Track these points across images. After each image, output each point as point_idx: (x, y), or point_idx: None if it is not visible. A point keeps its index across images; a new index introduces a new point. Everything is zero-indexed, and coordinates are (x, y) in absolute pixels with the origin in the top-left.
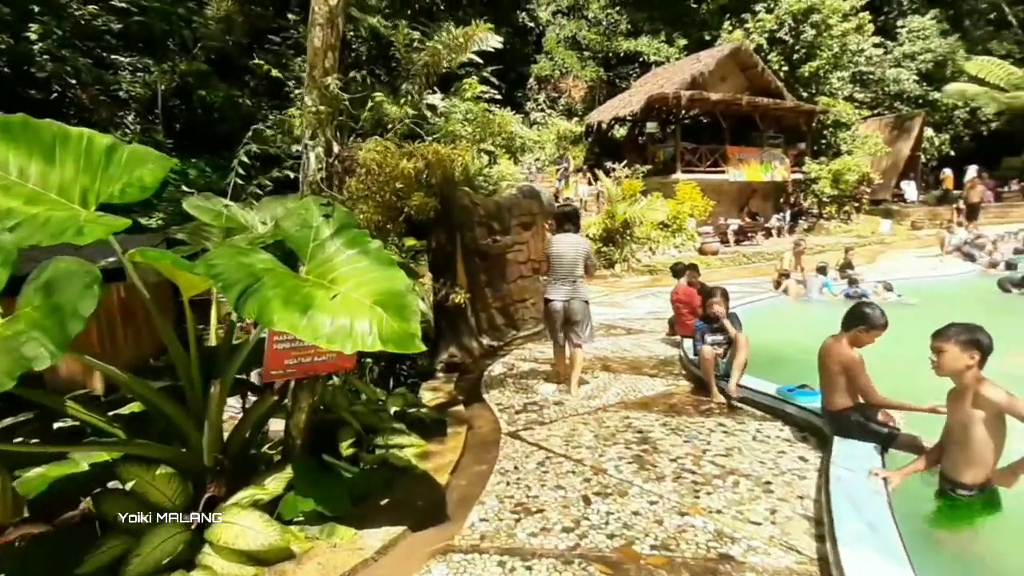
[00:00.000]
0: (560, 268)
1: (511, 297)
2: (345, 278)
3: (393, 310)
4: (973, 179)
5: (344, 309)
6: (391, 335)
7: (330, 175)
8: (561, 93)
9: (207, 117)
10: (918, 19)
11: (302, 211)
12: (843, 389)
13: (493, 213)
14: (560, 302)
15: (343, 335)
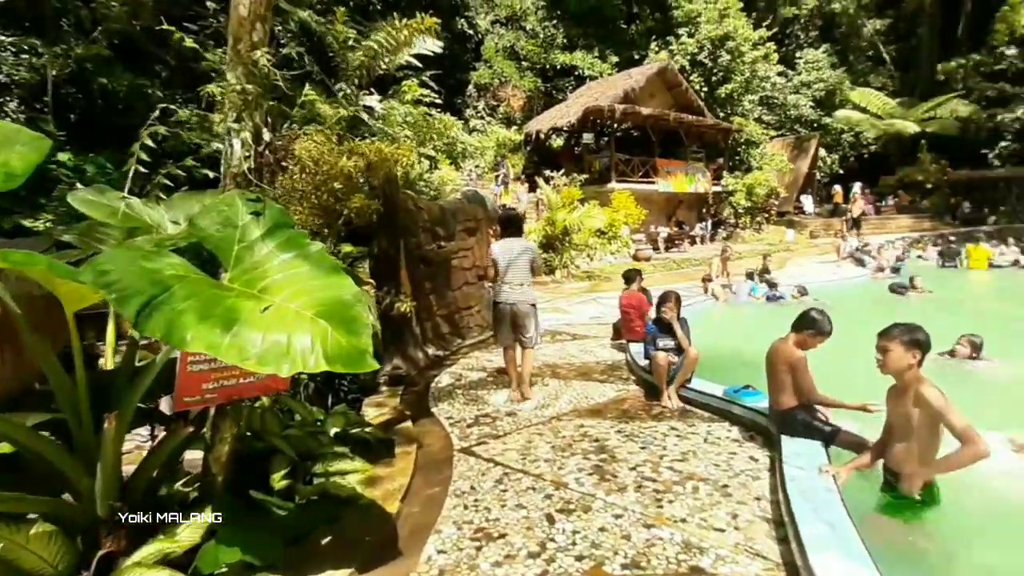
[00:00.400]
0: (507, 272)
1: (456, 304)
2: (280, 287)
3: (340, 323)
4: (855, 194)
5: (279, 323)
6: (338, 352)
7: (259, 167)
8: (500, 101)
9: (109, 108)
10: (813, 52)
11: (224, 207)
12: (789, 389)
13: (438, 218)
14: (508, 305)
15: (278, 354)
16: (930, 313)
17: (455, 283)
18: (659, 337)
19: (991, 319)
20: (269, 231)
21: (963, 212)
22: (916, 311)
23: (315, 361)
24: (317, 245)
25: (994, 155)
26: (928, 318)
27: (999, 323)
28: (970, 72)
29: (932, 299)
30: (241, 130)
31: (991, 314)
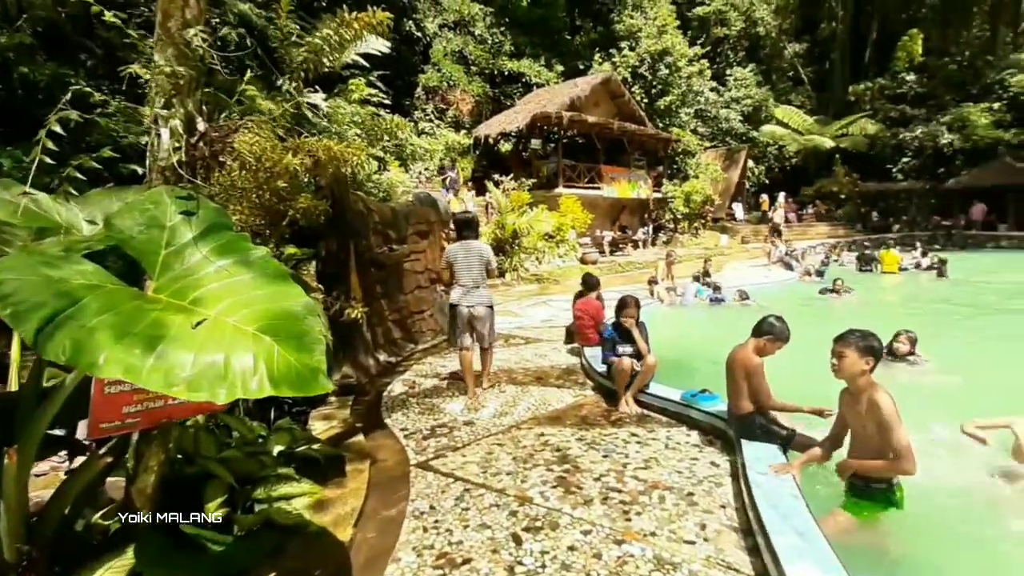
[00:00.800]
0: (464, 274)
1: (408, 309)
2: (216, 297)
3: (288, 338)
4: (776, 204)
5: (215, 340)
6: (286, 373)
7: (192, 160)
8: (449, 105)
9: (29, 99)
10: (741, 70)
11: (149, 205)
12: (747, 394)
13: (389, 220)
14: (466, 307)
15: (213, 378)
16: (857, 313)
17: (407, 287)
18: (619, 343)
19: (911, 317)
20: (203, 233)
21: (872, 221)
22: (846, 311)
23: (258, 384)
24: (261, 250)
25: (897, 169)
26: (858, 317)
27: (918, 320)
28: (876, 94)
29: (856, 300)
30: (171, 117)
31: (909, 312)
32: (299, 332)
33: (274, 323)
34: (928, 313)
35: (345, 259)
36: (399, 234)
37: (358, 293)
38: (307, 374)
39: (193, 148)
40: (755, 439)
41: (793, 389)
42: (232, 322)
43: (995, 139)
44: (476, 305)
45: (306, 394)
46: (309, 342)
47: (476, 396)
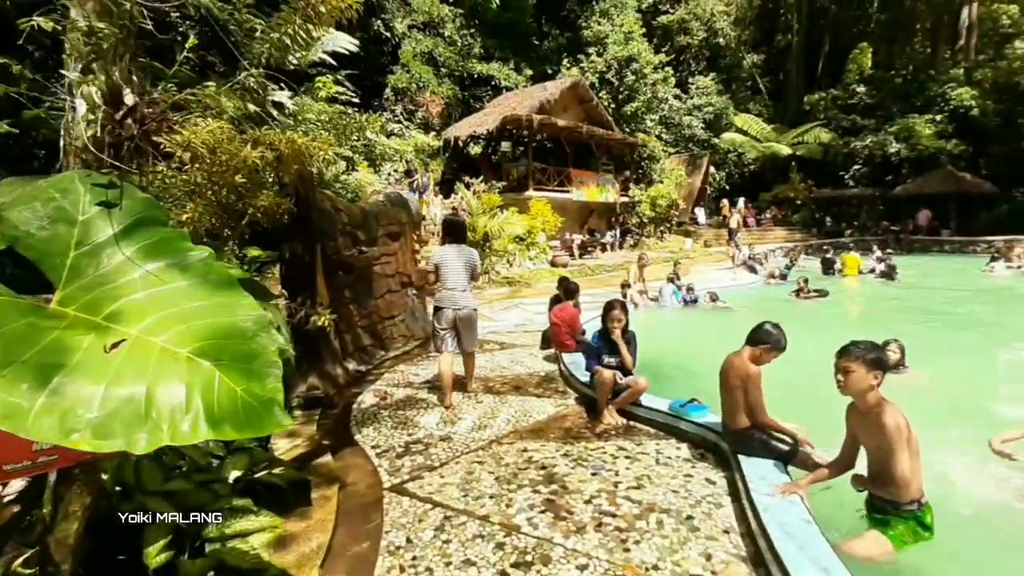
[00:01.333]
0: (450, 277)
1: (379, 314)
2: (141, 311)
3: (233, 362)
4: (739, 208)
5: (135, 368)
6: (230, 408)
7: (118, 141)
8: (418, 106)
9: None
10: (702, 79)
11: (55, 194)
12: (743, 406)
13: (359, 221)
14: (451, 311)
15: (130, 420)
16: (837, 315)
17: (377, 291)
18: (605, 352)
19: (881, 321)
20: (128, 230)
21: (826, 226)
22: (827, 314)
23: (191, 425)
24: (202, 250)
25: (849, 177)
26: (840, 320)
27: (888, 325)
28: (829, 104)
29: (826, 302)
30: (85, 83)
31: (878, 316)
32: (248, 353)
33: (216, 343)
34: (897, 318)
35: (311, 262)
36: (369, 235)
37: (325, 298)
38: (258, 408)
39: (119, 126)
40: (753, 454)
41: (779, 398)
42: (160, 343)
43: (938, 149)
44: (462, 308)
45: (257, 434)
46: (261, 366)
47: (452, 406)
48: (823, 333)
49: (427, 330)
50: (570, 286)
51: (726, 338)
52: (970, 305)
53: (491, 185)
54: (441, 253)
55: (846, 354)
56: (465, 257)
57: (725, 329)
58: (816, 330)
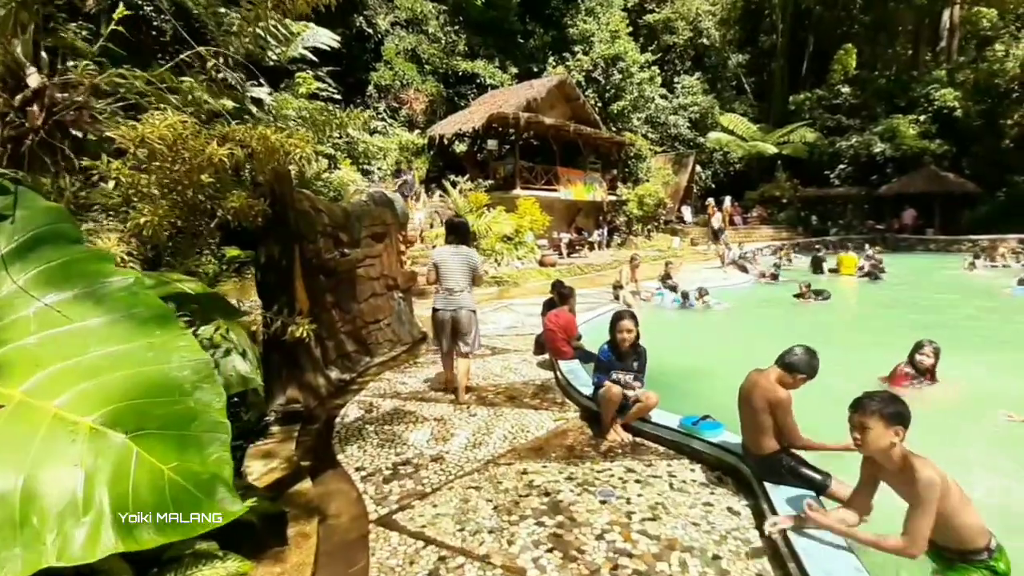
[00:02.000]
0: (449, 279)
1: (363, 319)
2: (30, 361)
3: (160, 431)
4: (726, 208)
5: (10, 448)
6: (151, 500)
7: (19, 134)
8: (402, 104)
9: None
10: (688, 78)
11: None
12: (771, 430)
13: (340, 222)
14: (448, 312)
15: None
16: (842, 320)
17: (361, 295)
18: (615, 366)
19: (889, 324)
20: (23, 249)
21: (812, 224)
22: (831, 318)
23: (89, 534)
24: (126, 276)
25: (834, 176)
26: (845, 325)
27: (896, 329)
28: (814, 104)
29: (827, 305)
30: None
31: (886, 317)
32: (183, 416)
33: (136, 405)
34: (902, 320)
35: (289, 266)
36: (352, 237)
37: (304, 304)
38: (194, 493)
39: (20, 113)
40: (781, 482)
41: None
42: (54, 408)
43: (922, 149)
44: (459, 310)
45: (190, 534)
46: (201, 431)
47: (465, 402)
48: (832, 339)
49: (414, 334)
50: (564, 290)
51: (728, 342)
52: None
53: (477, 184)
54: (439, 253)
55: (860, 408)
56: (464, 258)
57: (725, 332)
58: (824, 336)
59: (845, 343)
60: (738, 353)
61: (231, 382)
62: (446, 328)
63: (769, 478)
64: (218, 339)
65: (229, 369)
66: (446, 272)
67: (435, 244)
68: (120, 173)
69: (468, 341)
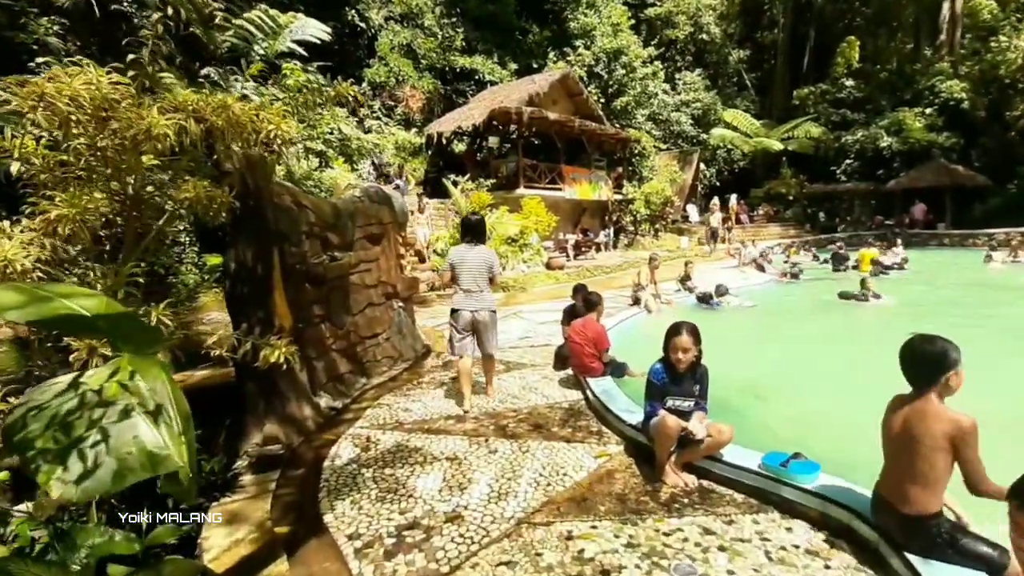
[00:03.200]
0: (466, 278)
1: (358, 333)
2: None
3: None
4: (722, 205)
5: None
6: None
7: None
8: (398, 102)
9: None
10: (689, 74)
11: None
12: (935, 479)
13: (330, 221)
14: (468, 312)
15: None
16: (899, 322)
17: (356, 305)
18: (671, 391)
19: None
20: None
21: (820, 221)
22: (900, 322)
23: None
24: None
25: (841, 171)
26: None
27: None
28: (818, 99)
29: (891, 305)
30: None
31: (941, 314)
32: None
33: None
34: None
35: (266, 273)
36: (344, 239)
37: (286, 319)
38: None
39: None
40: (935, 556)
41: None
42: None
43: (930, 142)
44: (480, 309)
45: None
46: None
47: (469, 412)
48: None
49: (417, 348)
50: (592, 296)
51: (773, 348)
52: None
53: (479, 183)
54: (456, 253)
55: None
56: (481, 257)
57: (764, 336)
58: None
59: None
60: (791, 362)
61: (128, 465)
62: (465, 327)
63: (917, 548)
64: (113, 391)
65: (126, 443)
66: (463, 272)
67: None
68: (30, 152)
69: (489, 341)
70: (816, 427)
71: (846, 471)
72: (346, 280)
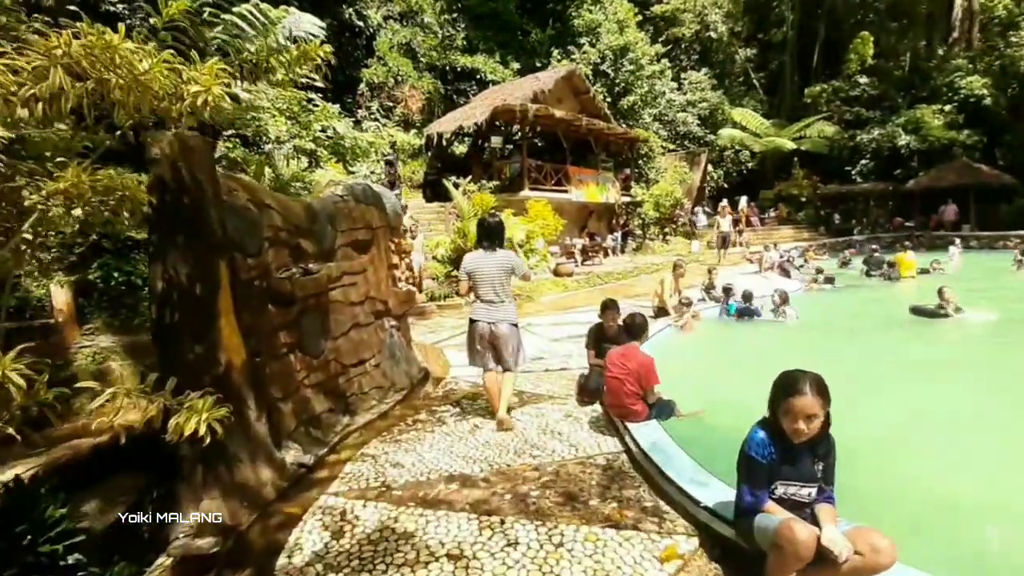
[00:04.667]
0: (485, 287)
1: (340, 361)
2: None
3: None
4: (724, 208)
5: None
6: None
7: None
8: (397, 102)
9: None
10: (695, 73)
11: None
12: None
13: (303, 225)
14: (486, 324)
15: None
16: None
17: (338, 327)
18: (781, 472)
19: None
20: None
21: (834, 223)
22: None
23: None
24: None
25: (856, 172)
26: None
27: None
28: (831, 96)
29: (979, 322)
30: None
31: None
32: None
33: None
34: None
35: (207, 294)
36: (320, 246)
37: (235, 354)
38: None
39: None
40: None
41: None
42: None
43: (950, 140)
44: (499, 322)
45: None
46: None
47: (504, 421)
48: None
49: (413, 375)
50: (635, 319)
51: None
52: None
53: (481, 185)
54: (472, 259)
55: None
56: (500, 262)
57: (833, 361)
58: None
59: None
60: (894, 404)
61: None
62: (484, 341)
63: None
64: None
65: None
66: (481, 281)
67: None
68: None
69: (509, 356)
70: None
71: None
72: (324, 297)
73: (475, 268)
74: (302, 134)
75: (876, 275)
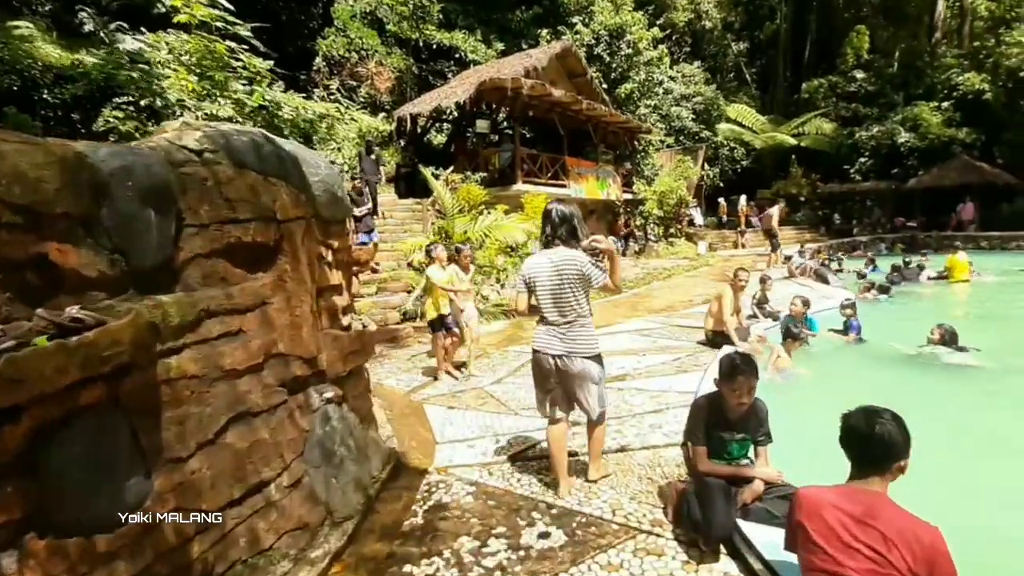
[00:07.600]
0: (548, 303)
1: (195, 505)
2: None
3: None
4: (748, 207)
5: None
6: None
7: None
8: (361, 81)
9: None
10: (688, 66)
11: None
12: None
13: (50, 202)
14: (551, 356)
15: None
16: None
17: (190, 432)
18: None
19: None
20: None
21: (834, 223)
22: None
23: None
24: None
25: (855, 170)
26: None
27: None
28: (827, 92)
29: None
30: None
31: None
32: None
33: None
34: None
35: None
36: (127, 257)
37: None
38: None
39: None
40: None
41: None
42: None
43: (949, 137)
44: (569, 355)
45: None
46: None
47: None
48: None
49: (367, 479)
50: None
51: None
52: None
53: (467, 176)
54: (532, 265)
55: None
56: (561, 267)
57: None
58: None
59: None
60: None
61: None
62: (550, 380)
63: None
64: None
65: None
66: (542, 294)
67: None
68: None
69: (587, 401)
70: None
71: None
72: (141, 376)
73: (535, 275)
74: (215, 96)
75: (897, 282)
